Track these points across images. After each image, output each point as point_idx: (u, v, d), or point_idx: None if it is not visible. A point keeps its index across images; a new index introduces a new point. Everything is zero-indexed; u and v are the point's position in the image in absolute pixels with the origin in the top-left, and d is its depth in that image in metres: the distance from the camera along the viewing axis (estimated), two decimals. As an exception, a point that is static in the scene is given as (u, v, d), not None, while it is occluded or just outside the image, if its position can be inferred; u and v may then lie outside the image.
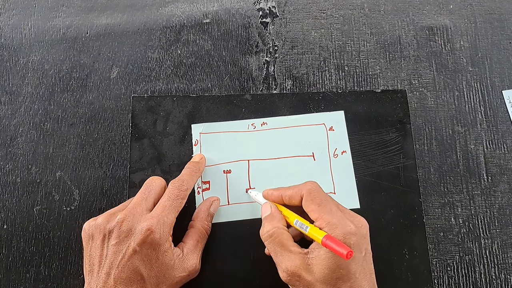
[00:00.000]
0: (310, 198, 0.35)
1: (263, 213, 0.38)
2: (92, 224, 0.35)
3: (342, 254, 0.30)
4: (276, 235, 0.34)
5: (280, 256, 0.34)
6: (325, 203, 0.34)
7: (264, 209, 0.38)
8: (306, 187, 0.36)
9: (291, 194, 0.37)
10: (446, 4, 0.51)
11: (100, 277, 0.33)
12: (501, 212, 0.44)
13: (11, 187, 0.43)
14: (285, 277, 0.33)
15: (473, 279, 0.42)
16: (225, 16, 0.50)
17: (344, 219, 0.33)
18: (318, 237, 0.32)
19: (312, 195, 0.35)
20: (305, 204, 0.35)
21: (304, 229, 0.34)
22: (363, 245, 0.33)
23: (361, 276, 0.32)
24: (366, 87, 0.47)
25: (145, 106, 0.45)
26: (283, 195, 0.37)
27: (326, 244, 0.31)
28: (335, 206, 0.35)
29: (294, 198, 0.36)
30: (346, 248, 0.30)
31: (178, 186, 0.38)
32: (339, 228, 0.32)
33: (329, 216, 0.33)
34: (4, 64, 0.48)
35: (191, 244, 0.38)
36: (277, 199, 0.38)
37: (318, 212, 0.34)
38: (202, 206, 0.41)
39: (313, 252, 0.33)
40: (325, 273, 0.32)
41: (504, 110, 0.47)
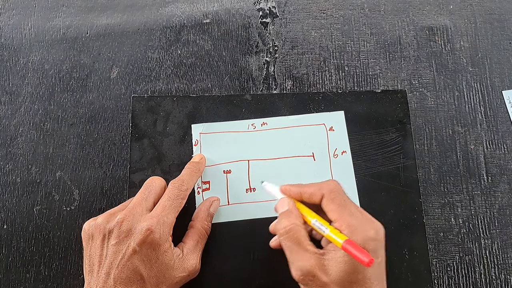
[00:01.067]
0: (331, 198, 0.34)
1: (280, 208, 0.37)
2: (92, 224, 0.35)
3: (363, 262, 0.29)
4: (293, 232, 0.34)
5: (296, 254, 0.33)
6: (346, 205, 0.34)
7: (281, 204, 0.37)
8: (328, 186, 0.35)
9: (312, 192, 0.36)
10: (446, 4, 0.51)
11: (100, 277, 0.33)
12: (501, 213, 0.44)
13: (11, 187, 0.43)
14: (298, 276, 0.33)
15: (473, 279, 0.42)
16: (225, 16, 0.50)
17: (364, 223, 0.33)
18: (338, 241, 0.31)
19: (333, 194, 0.34)
20: (325, 203, 0.35)
21: (323, 230, 0.33)
22: (380, 251, 0.33)
23: (375, 282, 0.32)
24: (366, 87, 0.47)
25: (145, 106, 0.45)
26: (303, 192, 0.36)
27: (346, 249, 0.30)
28: (356, 208, 0.34)
29: (315, 196, 0.35)
30: (367, 256, 0.29)
31: (178, 186, 0.38)
32: (359, 232, 0.32)
33: (349, 218, 0.33)
34: (4, 64, 0.48)
35: (191, 244, 0.38)
36: (296, 195, 0.37)
37: (339, 213, 0.33)
38: (202, 206, 0.41)
39: (329, 254, 0.32)
40: (341, 275, 0.31)
41: (504, 111, 0.47)
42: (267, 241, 0.41)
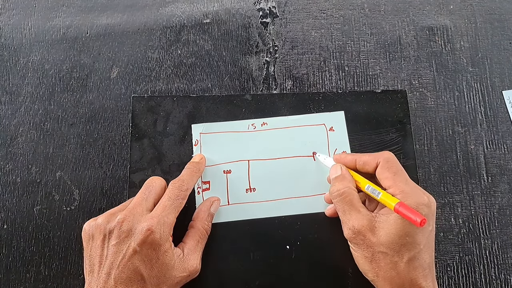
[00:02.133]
0: (386, 166, 0.36)
1: (333, 174, 0.39)
2: (92, 224, 0.35)
3: (415, 222, 0.31)
4: (346, 194, 0.36)
5: (348, 215, 0.35)
6: (401, 173, 0.36)
7: (334, 170, 0.39)
8: (383, 155, 0.37)
9: (366, 160, 0.38)
10: (447, 4, 0.51)
11: (100, 277, 0.33)
12: (501, 213, 0.44)
13: (11, 187, 0.43)
14: (350, 234, 0.35)
15: (473, 279, 0.42)
16: (225, 16, 0.50)
17: (418, 190, 0.35)
18: (391, 203, 0.33)
19: (389, 163, 0.36)
20: (380, 171, 0.36)
21: (376, 195, 0.35)
22: (431, 219, 0.35)
23: (425, 249, 0.34)
24: (366, 87, 0.47)
25: (145, 106, 0.45)
26: (358, 159, 0.38)
27: (399, 211, 0.32)
28: (409, 179, 0.36)
29: (369, 164, 0.37)
30: (419, 216, 0.31)
31: (178, 186, 0.38)
32: (412, 198, 0.34)
33: (403, 185, 0.35)
34: (4, 64, 0.48)
35: (192, 244, 0.38)
36: (350, 163, 0.39)
37: (393, 180, 0.35)
38: (203, 206, 0.41)
39: (381, 216, 0.34)
40: (391, 237, 0.33)
41: (504, 111, 0.47)
42: (267, 241, 0.41)
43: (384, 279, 0.34)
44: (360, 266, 0.37)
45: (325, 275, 0.40)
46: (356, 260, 0.37)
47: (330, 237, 0.41)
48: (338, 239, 0.40)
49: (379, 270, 0.34)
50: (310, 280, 0.40)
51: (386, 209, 0.35)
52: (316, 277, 0.40)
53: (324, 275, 0.40)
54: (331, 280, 0.40)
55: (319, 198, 0.42)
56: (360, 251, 0.35)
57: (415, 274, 0.33)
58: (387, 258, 0.34)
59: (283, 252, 0.41)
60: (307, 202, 0.42)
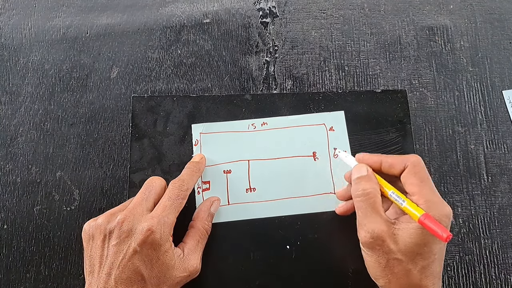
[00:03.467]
0: (414, 171, 0.35)
1: (356, 173, 0.37)
2: (93, 224, 0.35)
3: (441, 237, 0.30)
4: (372, 195, 0.35)
5: (370, 217, 0.34)
6: (427, 181, 0.35)
7: (358, 169, 0.37)
8: (411, 158, 0.36)
9: (392, 162, 0.36)
10: (446, 4, 0.51)
11: (100, 277, 0.33)
12: (501, 212, 0.44)
13: (11, 187, 0.43)
14: (368, 238, 0.34)
15: (473, 279, 0.42)
16: (225, 16, 0.50)
17: (442, 201, 0.34)
18: (416, 214, 0.32)
19: (416, 168, 0.35)
20: (406, 175, 0.35)
21: (400, 202, 0.34)
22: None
23: (438, 258, 0.34)
24: (366, 87, 0.47)
25: (145, 106, 0.45)
26: (383, 161, 0.37)
27: (424, 223, 0.32)
28: (434, 187, 0.35)
29: (395, 167, 0.36)
30: (446, 231, 0.30)
31: (178, 186, 0.38)
32: (437, 208, 0.33)
33: (430, 194, 0.34)
34: (4, 64, 0.48)
35: (192, 244, 0.38)
36: (375, 164, 0.38)
37: (419, 187, 0.34)
38: (203, 206, 0.41)
39: (401, 224, 0.34)
40: (409, 246, 0.33)
41: (504, 110, 0.47)
42: (267, 241, 0.41)
43: (396, 286, 0.34)
44: (371, 271, 0.36)
45: (325, 275, 0.40)
46: (368, 265, 0.36)
47: (330, 237, 0.41)
48: (338, 239, 0.40)
49: (391, 277, 0.34)
50: (310, 280, 0.40)
51: (407, 217, 0.34)
52: (316, 277, 0.40)
53: (324, 275, 0.40)
54: (331, 280, 0.40)
55: (319, 198, 0.42)
56: (374, 257, 0.34)
57: (426, 282, 0.33)
58: (401, 265, 0.33)
59: (283, 252, 0.41)
60: (307, 202, 0.42)
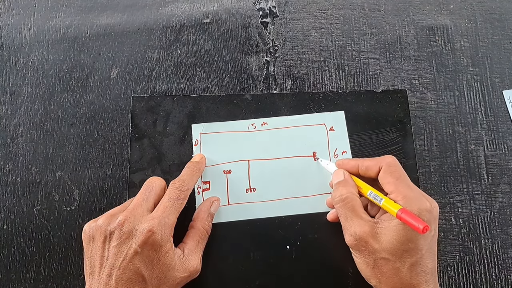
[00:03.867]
0: (389, 171, 0.36)
1: (335, 179, 0.38)
2: (93, 225, 0.35)
3: (418, 228, 0.30)
4: (349, 200, 0.36)
5: (350, 221, 0.35)
6: (403, 178, 0.36)
7: (336, 175, 0.39)
8: (386, 160, 0.37)
9: (368, 165, 0.37)
10: (447, 4, 0.51)
11: (101, 278, 0.33)
12: (502, 212, 0.44)
13: (11, 187, 0.43)
14: (352, 241, 0.35)
15: (474, 279, 0.42)
16: (225, 16, 0.50)
17: (421, 196, 0.35)
18: (393, 210, 0.33)
19: (391, 168, 0.36)
20: (382, 176, 0.36)
21: (378, 201, 0.35)
22: (433, 224, 0.34)
23: (427, 254, 0.34)
24: (366, 87, 0.47)
25: (145, 106, 0.45)
26: (360, 165, 0.38)
27: (401, 217, 0.32)
28: (412, 184, 0.36)
29: (371, 169, 0.37)
30: (422, 223, 0.31)
31: (178, 186, 0.38)
32: (415, 203, 0.33)
33: (406, 190, 0.34)
34: (4, 64, 0.48)
35: (192, 245, 0.38)
36: (353, 168, 0.39)
37: (395, 185, 0.35)
38: (203, 206, 0.41)
39: (383, 222, 0.34)
40: (393, 243, 0.33)
41: (504, 110, 0.47)
42: (267, 241, 0.41)
43: (387, 285, 0.34)
44: (363, 272, 0.36)
45: (325, 275, 0.40)
46: (358, 266, 0.37)
47: (330, 237, 0.41)
48: (338, 239, 0.40)
49: (381, 276, 0.34)
50: (310, 280, 0.40)
51: (388, 214, 0.35)
52: (316, 277, 0.40)
53: (324, 275, 0.40)
54: (331, 280, 0.40)
55: (319, 198, 0.42)
56: (362, 258, 0.35)
57: (417, 279, 0.33)
58: (389, 264, 0.33)
59: (283, 252, 0.41)
60: (307, 202, 0.42)
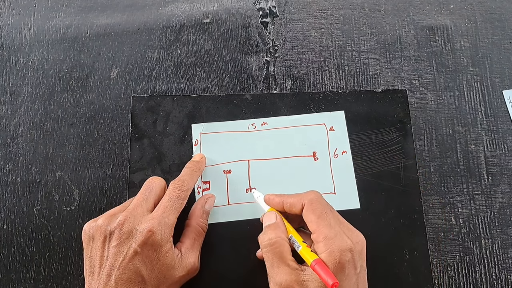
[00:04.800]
0: (311, 209, 0.34)
1: (267, 221, 0.37)
2: (93, 225, 0.35)
3: (327, 283, 0.29)
4: (277, 245, 0.34)
5: (277, 268, 0.33)
6: (324, 216, 0.34)
7: (268, 217, 0.37)
8: (308, 196, 0.35)
9: (292, 202, 0.36)
10: (447, 4, 0.51)
11: (101, 278, 0.33)
12: (502, 212, 0.44)
13: (11, 187, 0.43)
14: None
15: (474, 279, 0.42)
16: (225, 16, 0.50)
17: (342, 234, 0.33)
18: (309, 259, 0.32)
19: (313, 205, 0.34)
20: (305, 214, 0.35)
21: (296, 247, 0.34)
22: (358, 261, 0.33)
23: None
24: (366, 87, 0.47)
25: (145, 106, 0.45)
26: (284, 202, 0.37)
27: (315, 269, 0.31)
28: (335, 219, 0.34)
29: (295, 206, 0.36)
30: (332, 278, 0.29)
31: (179, 187, 0.38)
32: (335, 243, 0.32)
33: (327, 230, 0.33)
34: (4, 64, 0.48)
35: (189, 243, 0.38)
36: (278, 205, 0.37)
37: (317, 224, 0.33)
38: (197, 204, 0.41)
39: (309, 269, 0.32)
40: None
41: (504, 110, 0.47)
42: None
43: None
44: None
45: (325, 275, 0.40)
46: None
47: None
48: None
49: None
50: (310, 280, 0.40)
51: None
52: (316, 277, 0.40)
53: (324, 275, 0.40)
54: (331, 280, 0.40)
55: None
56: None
57: None
58: None
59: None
60: (307, 202, 0.42)
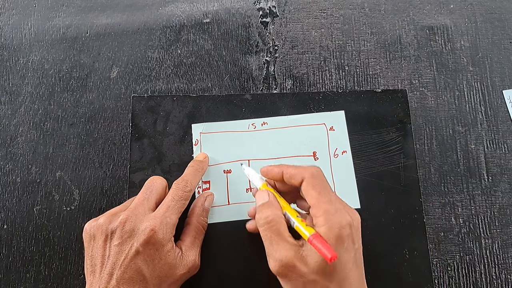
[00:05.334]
0: (312, 183, 0.34)
1: (260, 200, 0.36)
2: (94, 224, 0.35)
3: (326, 256, 0.29)
4: (274, 223, 0.34)
5: (276, 245, 0.33)
6: (325, 192, 0.34)
7: (261, 196, 0.37)
8: (309, 170, 0.35)
9: (292, 174, 0.36)
10: (447, 3, 0.51)
11: (102, 277, 0.33)
12: (502, 212, 0.44)
13: (11, 187, 0.43)
14: (277, 267, 0.32)
15: (474, 279, 0.42)
16: (225, 15, 0.50)
17: (341, 210, 0.33)
18: (306, 234, 0.32)
19: (314, 180, 0.34)
20: (305, 188, 0.35)
21: (291, 223, 0.34)
22: (356, 237, 0.33)
23: (353, 267, 0.33)
24: (366, 87, 0.47)
25: (145, 106, 0.45)
26: (285, 172, 0.36)
27: (312, 243, 0.31)
28: (335, 196, 0.35)
29: (295, 178, 0.35)
30: (331, 252, 0.29)
31: (182, 187, 0.38)
32: (335, 218, 0.32)
33: (327, 205, 0.33)
34: (4, 64, 0.48)
35: (189, 241, 0.38)
36: (277, 175, 0.37)
37: (317, 199, 0.33)
38: (197, 202, 0.41)
39: (308, 244, 0.32)
40: (319, 264, 0.31)
41: (504, 110, 0.47)
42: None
43: None
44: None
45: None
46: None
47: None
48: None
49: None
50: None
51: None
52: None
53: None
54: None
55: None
56: (290, 283, 0.33)
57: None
58: (317, 285, 0.32)
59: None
60: (308, 202, 0.42)
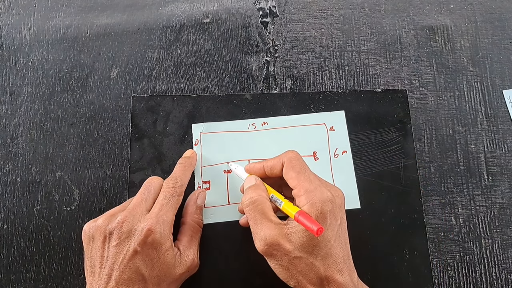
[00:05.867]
0: (290, 166, 0.36)
1: (247, 184, 0.38)
2: (92, 225, 0.35)
3: (312, 230, 0.31)
4: (258, 203, 0.35)
5: (260, 224, 0.34)
6: (304, 171, 0.35)
7: (248, 180, 0.38)
8: (287, 155, 0.37)
9: (272, 164, 0.37)
10: (447, 3, 0.51)
11: (101, 278, 0.33)
12: (502, 212, 0.44)
13: (11, 187, 0.43)
14: (262, 246, 0.34)
15: (474, 279, 0.42)
16: (225, 15, 0.50)
17: (321, 187, 0.34)
18: (292, 212, 0.33)
19: (292, 163, 0.36)
20: (285, 172, 0.36)
21: (279, 204, 0.35)
22: (338, 213, 0.34)
23: (336, 243, 0.33)
24: (366, 87, 0.47)
25: (145, 106, 0.45)
26: (265, 165, 0.38)
27: (299, 220, 0.32)
28: (313, 175, 0.36)
29: (276, 168, 0.37)
30: (317, 225, 0.31)
31: (172, 184, 0.38)
32: (316, 195, 0.33)
33: (307, 184, 0.34)
34: (4, 64, 0.48)
35: (186, 240, 0.38)
36: (259, 171, 0.38)
37: (297, 180, 0.35)
38: (189, 200, 0.41)
39: (292, 223, 0.34)
40: (303, 241, 0.32)
41: (504, 110, 0.47)
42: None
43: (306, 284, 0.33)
44: (280, 276, 0.35)
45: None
46: (275, 271, 0.35)
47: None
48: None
49: (298, 275, 0.33)
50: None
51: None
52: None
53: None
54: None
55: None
56: (276, 262, 0.34)
57: (330, 270, 0.33)
58: (303, 261, 0.33)
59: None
60: (307, 201, 0.42)
